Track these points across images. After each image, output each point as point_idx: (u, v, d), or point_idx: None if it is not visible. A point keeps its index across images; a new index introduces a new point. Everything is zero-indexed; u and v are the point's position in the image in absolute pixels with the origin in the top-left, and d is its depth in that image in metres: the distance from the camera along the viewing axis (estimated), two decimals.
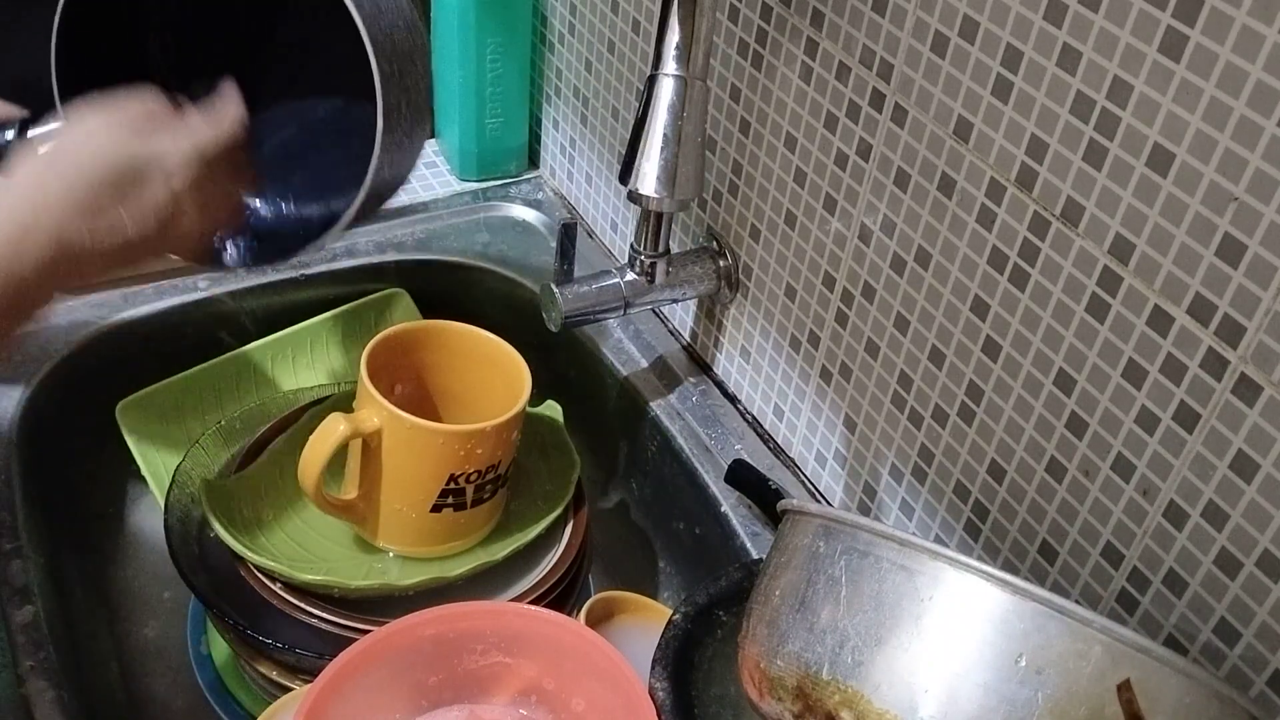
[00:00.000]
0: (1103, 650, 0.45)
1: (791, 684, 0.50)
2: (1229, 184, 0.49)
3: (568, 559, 0.74)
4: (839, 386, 0.77)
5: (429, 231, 1.03)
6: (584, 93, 1.00)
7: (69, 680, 0.68)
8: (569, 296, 0.81)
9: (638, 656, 0.64)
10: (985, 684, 0.45)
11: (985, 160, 0.61)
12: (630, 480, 0.93)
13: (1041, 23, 0.56)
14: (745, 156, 0.81)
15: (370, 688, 0.62)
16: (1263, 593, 0.53)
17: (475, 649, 0.65)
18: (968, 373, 0.66)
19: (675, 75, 0.70)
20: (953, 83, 0.62)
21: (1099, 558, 0.60)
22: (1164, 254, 0.53)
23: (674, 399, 0.89)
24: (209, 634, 0.80)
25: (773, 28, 0.74)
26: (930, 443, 0.70)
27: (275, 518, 0.73)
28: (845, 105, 0.70)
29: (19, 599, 0.69)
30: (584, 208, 1.06)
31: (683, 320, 0.95)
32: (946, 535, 0.70)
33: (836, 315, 0.75)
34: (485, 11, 0.98)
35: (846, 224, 0.72)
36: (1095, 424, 0.59)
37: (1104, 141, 0.54)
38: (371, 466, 0.69)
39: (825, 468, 0.81)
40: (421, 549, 0.73)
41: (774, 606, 0.53)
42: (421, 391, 0.74)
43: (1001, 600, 0.46)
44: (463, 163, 1.08)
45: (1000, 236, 0.61)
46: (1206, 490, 0.54)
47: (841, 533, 0.51)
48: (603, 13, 0.93)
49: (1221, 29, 0.48)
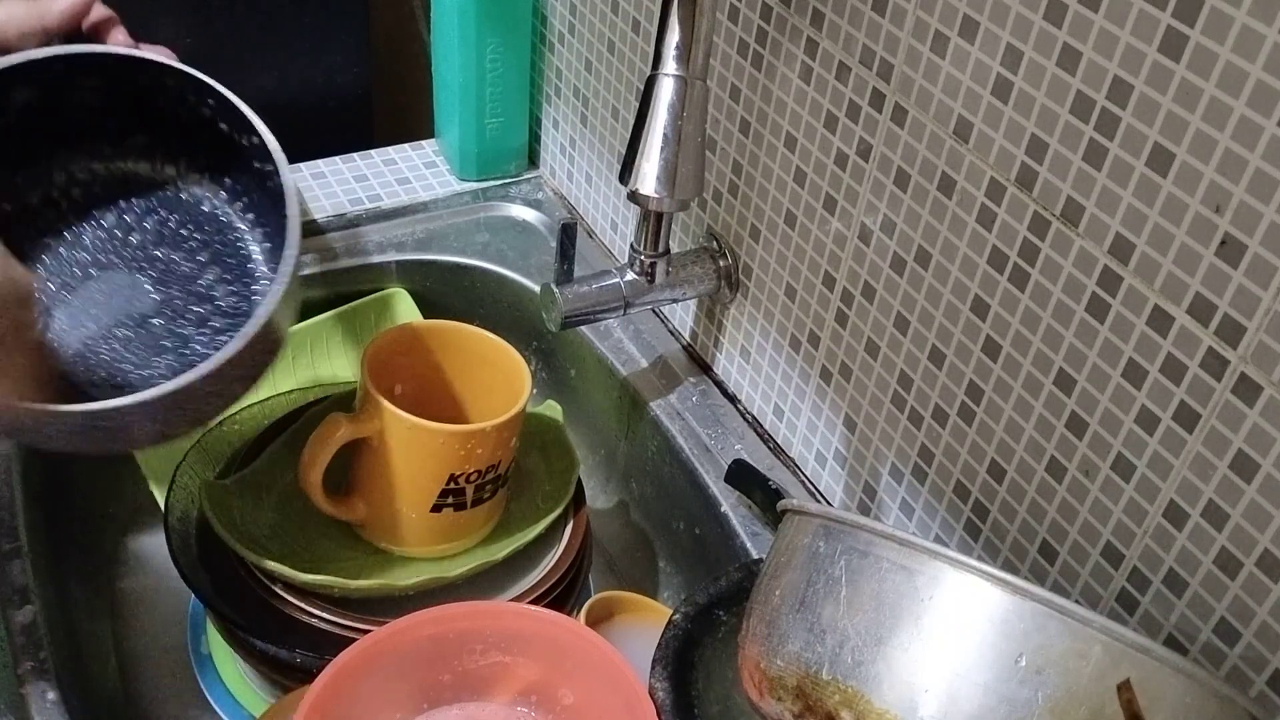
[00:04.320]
0: (1103, 650, 0.45)
1: (791, 684, 0.50)
2: (1229, 184, 0.49)
3: (568, 559, 0.74)
4: (839, 386, 0.77)
5: (429, 231, 1.03)
6: (584, 93, 1.00)
7: (69, 680, 0.68)
8: (569, 296, 0.81)
9: (638, 656, 0.64)
10: (985, 684, 0.45)
11: (985, 160, 0.61)
12: (630, 480, 0.93)
13: (1041, 23, 0.56)
14: (745, 156, 0.81)
15: (370, 688, 0.62)
16: (1263, 593, 0.53)
17: (475, 649, 0.65)
18: (968, 373, 0.66)
19: (675, 75, 0.70)
20: (953, 83, 0.62)
21: (1099, 558, 0.60)
22: (1164, 254, 0.53)
23: (674, 399, 0.89)
24: (209, 634, 0.80)
25: (773, 28, 0.74)
26: (930, 443, 0.70)
27: (275, 518, 0.73)
28: (845, 105, 0.70)
29: (19, 599, 0.69)
30: (584, 208, 1.06)
31: (683, 320, 0.95)
32: (946, 535, 0.70)
33: (836, 315, 0.75)
34: (485, 11, 0.98)
35: (846, 224, 0.72)
36: (1095, 424, 0.59)
37: (1104, 141, 0.54)
38: (371, 466, 0.69)
39: (825, 468, 0.81)
40: (421, 549, 0.73)
41: (774, 606, 0.53)
42: (421, 391, 0.74)
43: (1001, 600, 0.46)
44: (463, 163, 1.08)
45: (1000, 236, 0.61)
46: (1206, 490, 0.54)
47: (841, 533, 0.51)
48: (603, 13, 0.93)
49: (1221, 29, 0.48)
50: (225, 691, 0.77)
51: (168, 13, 1.07)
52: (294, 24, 1.15)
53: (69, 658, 0.71)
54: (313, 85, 1.18)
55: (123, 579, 0.87)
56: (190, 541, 0.72)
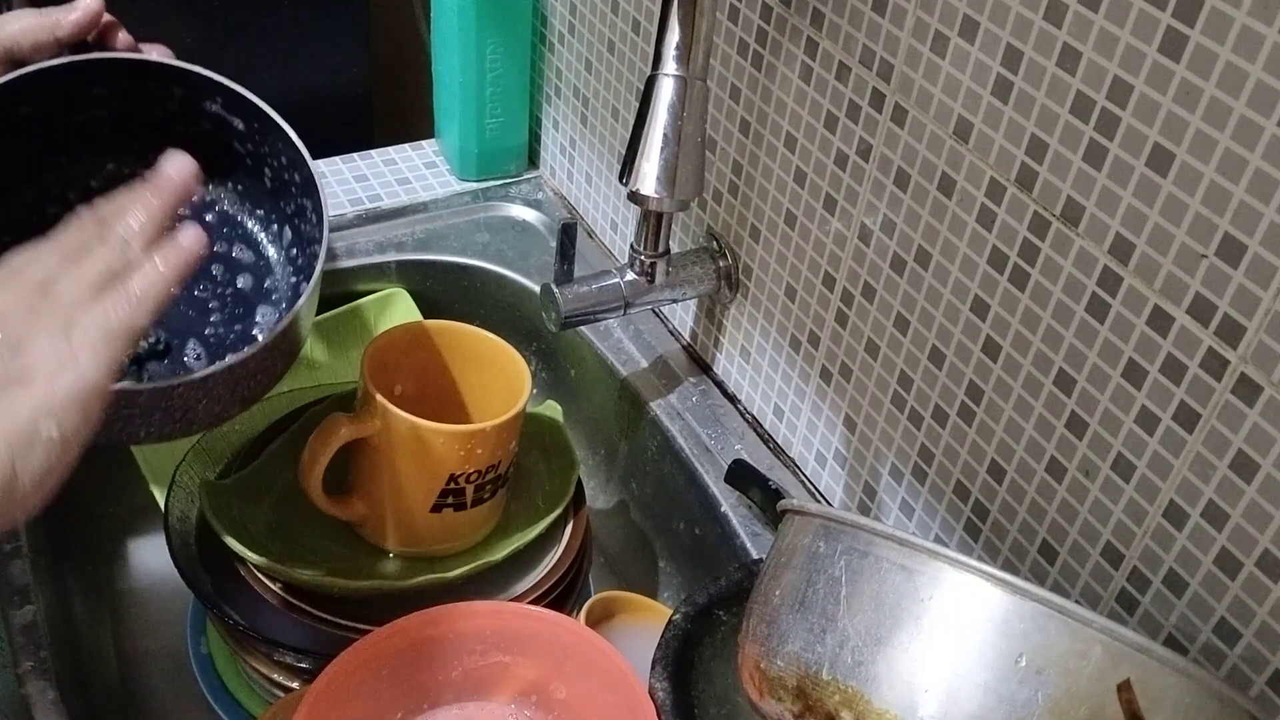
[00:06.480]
0: (1103, 650, 0.45)
1: (791, 684, 0.50)
2: (1229, 184, 0.49)
3: (568, 559, 0.74)
4: (839, 386, 0.77)
5: (429, 231, 1.03)
6: (584, 93, 1.00)
7: (69, 680, 0.68)
8: (569, 296, 0.81)
9: (638, 656, 0.64)
10: (985, 684, 0.45)
11: (985, 160, 0.61)
12: (630, 480, 0.93)
13: (1041, 23, 0.56)
14: (745, 156, 0.81)
15: (370, 688, 0.62)
16: (1263, 593, 0.53)
17: (475, 649, 0.65)
18: (968, 373, 0.66)
19: (675, 75, 0.70)
20: (953, 83, 0.62)
21: (1099, 558, 0.60)
22: (1164, 254, 0.53)
23: (674, 399, 0.89)
24: (209, 634, 0.80)
25: (773, 28, 0.74)
26: (930, 443, 0.70)
27: (275, 518, 0.73)
28: (845, 105, 0.70)
29: (19, 599, 0.69)
30: (584, 208, 1.06)
31: (683, 320, 0.95)
32: (946, 535, 0.70)
33: (836, 315, 0.75)
34: (485, 11, 0.98)
35: (846, 224, 0.72)
36: (1095, 424, 0.59)
37: (1104, 141, 0.54)
38: (371, 466, 0.69)
39: (825, 468, 0.81)
40: (421, 549, 0.73)
41: (774, 606, 0.53)
42: (421, 391, 0.74)
43: (1001, 600, 0.46)
44: (463, 163, 1.08)
45: (1000, 236, 0.61)
46: (1206, 490, 0.54)
47: (841, 533, 0.51)
48: (603, 13, 0.93)
49: (1221, 29, 0.48)
50: (225, 691, 0.77)
51: (168, 13, 1.07)
52: (294, 24, 1.14)
53: (69, 658, 0.71)
54: (313, 85, 1.18)
55: (123, 579, 0.87)
56: (190, 541, 0.72)
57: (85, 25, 0.61)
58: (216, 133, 0.67)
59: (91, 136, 0.66)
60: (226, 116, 0.66)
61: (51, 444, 0.44)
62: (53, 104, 0.63)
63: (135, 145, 0.67)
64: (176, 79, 0.64)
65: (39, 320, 0.46)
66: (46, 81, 0.60)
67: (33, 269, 0.47)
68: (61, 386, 0.45)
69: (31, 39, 0.60)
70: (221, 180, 0.70)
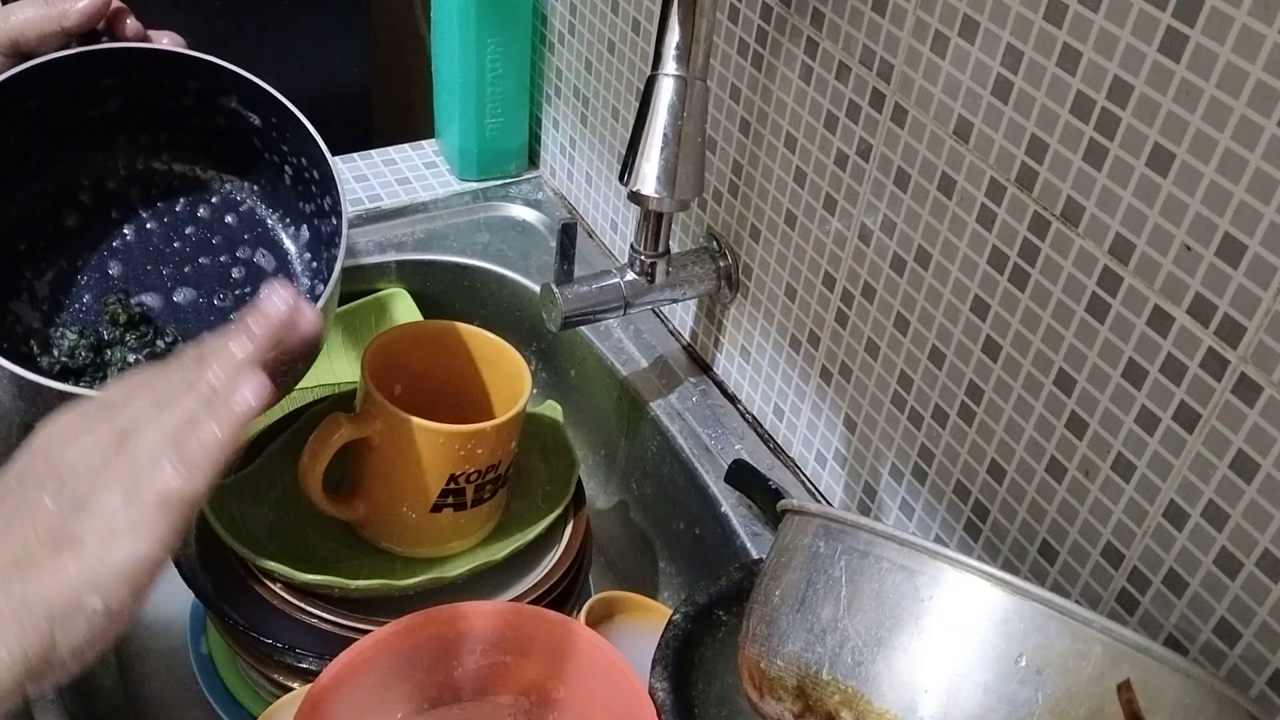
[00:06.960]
0: (1103, 650, 0.45)
1: (791, 684, 0.50)
2: (1229, 184, 0.49)
3: (568, 559, 0.74)
4: (839, 386, 0.77)
5: (429, 231, 1.03)
6: (584, 93, 1.00)
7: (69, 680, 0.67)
8: (569, 296, 0.81)
9: (638, 656, 0.64)
10: (985, 684, 0.45)
11: (985, 160, 0.61)
12: (630, 480, 0.93)
13: (1041, 23, 0.56)
14: (745, 156, 0.81)
15: (370, 688, 0.62)
16: (1263, 593, 0.53)
17: (475, 649, 0.65)
18: (968, 373, 0.66)
19: (675, 75, 0.70)
20: (953, 83, 0.62)
21: (1099, 558, 0.60)
22: (1164, 254, 0.53)
23: (674, 399, 0.89)
24: (209, 634, 0.80)
25: (773, 28, 0.74)
26: (930, 443, 0.70)
27: (275, 518, 0.73)
28: (845, 105, 0.70)
29: None
30: (584, 208, 1.06)
31: (683, 320, 0.95)
32: (946, 535, 0.70)
33: (836, 315, 0.75)
34: (485, 11, 0.98)
35: (846, 224, 0.72)
36: (1095, 424, 0.59)
37: (1104, 141, 0.54)
38: (372, 466, 0.69)
39: (825, 468, 0.81)
40: (421, 549, 0.73)
41: (774, 606, 0.53)
42: (421, 391, 0.74)
43: (1001, 600, 0.46)
44: (463, 163, 1.08)
45: (1000, 236, 0.61)
46: (1206, 490, 0.54)
47: (841, 533, 0.51)
48: (603, 13, 0.93)
49: (1221, 29, 0.48)
50: (225, 691, 0.77)
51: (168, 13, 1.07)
52: (294, 24, 1.15)
53: None
54: (313, 85, 1.18)
55: None
56: (190, 541, 0.72)
57: (93, 14, 0.59)
58: (234, 128, 0.65)
59: (105, 132, 0.65)
60: (243, 112, 0.64)
61: (95, 616, 0.42)
62: (62, 98, 0.61)
63: (150, 141, 0.66)
64: (189, 69, 0.62)
65: (109, 477, 0.44)
66: (54, 74, 0.58)
67: (124, 413, 0.46)
68: (113, 559, 0.42)
69: (37, 30, 0.58)
70: (241, 178, 0.69)
